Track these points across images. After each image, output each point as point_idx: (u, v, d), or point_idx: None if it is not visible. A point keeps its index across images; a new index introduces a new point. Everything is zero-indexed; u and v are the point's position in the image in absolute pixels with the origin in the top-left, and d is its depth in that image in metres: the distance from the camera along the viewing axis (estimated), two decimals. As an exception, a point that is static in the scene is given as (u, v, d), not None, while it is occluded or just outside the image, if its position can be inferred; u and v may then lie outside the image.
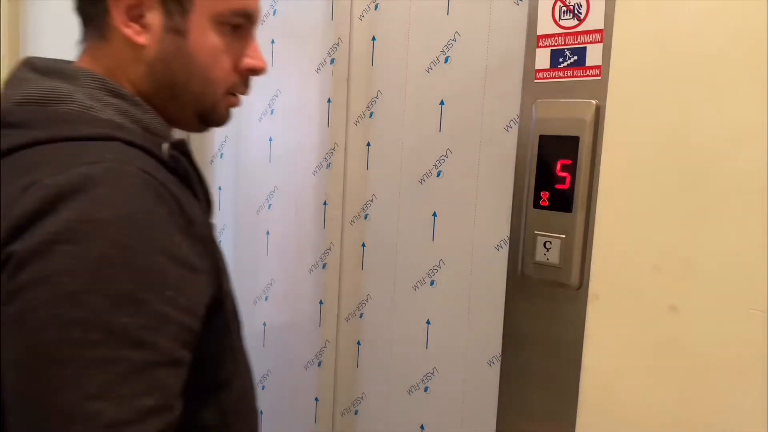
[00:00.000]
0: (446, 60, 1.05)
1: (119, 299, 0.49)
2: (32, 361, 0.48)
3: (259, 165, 1.37)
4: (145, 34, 0.62)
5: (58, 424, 0.47)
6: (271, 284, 1.40)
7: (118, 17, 0.61)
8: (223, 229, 1.49)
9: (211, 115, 0.68)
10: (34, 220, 0.49)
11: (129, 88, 0.63)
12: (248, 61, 0.68)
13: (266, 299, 1.42)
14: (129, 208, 0.51)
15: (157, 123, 0.63)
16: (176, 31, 0.62)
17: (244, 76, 0.69)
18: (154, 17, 0.62)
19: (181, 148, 0.61)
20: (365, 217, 1.20)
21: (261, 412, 0.83)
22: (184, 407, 0.54)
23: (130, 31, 0.61)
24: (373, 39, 1.15)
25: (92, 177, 0.50)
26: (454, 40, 1.04)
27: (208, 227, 0.61)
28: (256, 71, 0.69)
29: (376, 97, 1.15)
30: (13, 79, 0.62)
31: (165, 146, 0.59)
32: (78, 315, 0.47)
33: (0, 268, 0.49)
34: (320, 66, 1.23)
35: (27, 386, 0.48)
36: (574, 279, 0.78)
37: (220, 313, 0.60)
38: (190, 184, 0.61)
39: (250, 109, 1.36)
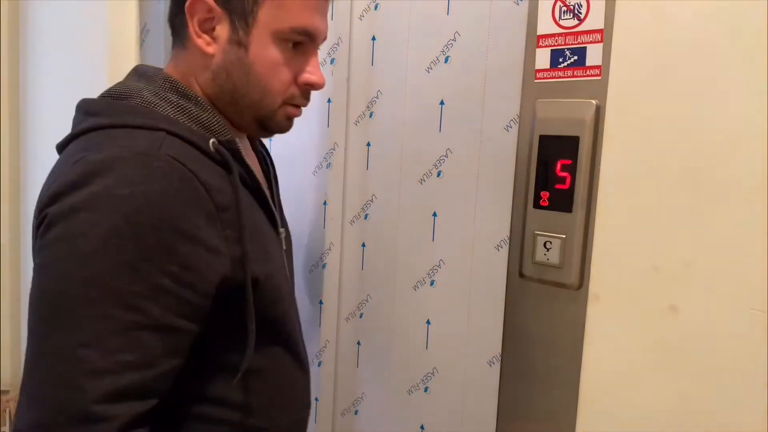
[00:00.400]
0: (446, 60, 1.05)
1: (120, 266, 0.56)
2: (42, 305, 0.57)
3: (259, 165, 1.37)
4: (213, 44, 0.70)
5: (47, 360, 0.55)
6: (271, 284, 1.40)
7: (192, 29, 0.70)
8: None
9: (269, 122, 0.75)
10: (71, 190, 0.57)
11: (198, 91, 0.72)
12: (307, 77, 0.74)
13: (266, 299, 1.42)
14: (147, 188, 0.57)
15: (215, 121, 0.70)
16: (239, 43, 0.70)
17: (303, 89, 0.75)
18: (223, 30, 0.70)
19: (229, 145, 0.68)
20: (365, 217, 1.20)
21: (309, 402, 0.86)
22: (201, 377, 0.66)
23: (202, 41, 0.70)
24: (373, 39, 1.15)
25: (123, 158, 0.59)
26: (454, 40, 1.04)
27: (253, 217, 0.69)
28: (314, 86, 0.75)
29: (376, 97, 1.15)
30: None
31: (212, 141, 0.66)
32: (83, 273, 0.56)
33: (39, 226, 0.59)
34: (320, 66, 1.23)
35: (34, 325, 0.57)
36: (574, 279, 0.78)
37: (243, 299, 0.65)
38: (241, 177, 0.68)
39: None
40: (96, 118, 0.65)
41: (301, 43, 0.72)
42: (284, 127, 0.77)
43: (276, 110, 0.74)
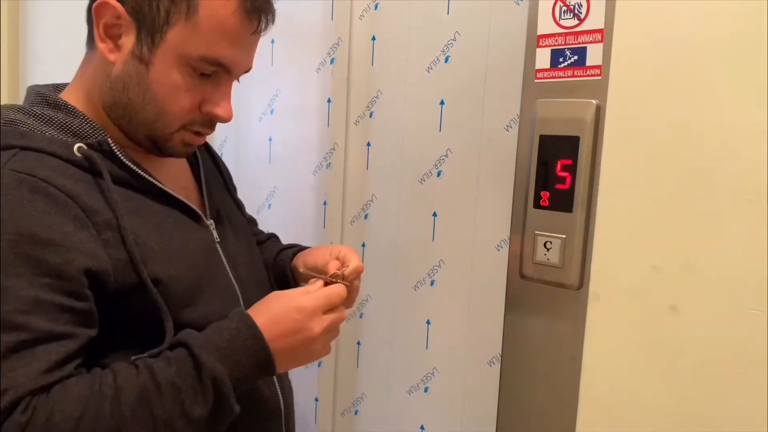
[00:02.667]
0: (446, 60, 1.05)
1: None
2: None
3: (259, 165, 1.37)
4: (116, 52, 0.67)
5: None
6: (271, 284, 1.40)
7: (97, 32, 0.67)
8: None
9: (163, 144, 0.72)
10: None
11: (94, 96, 0.70)
12: (213, 109, 0.71)
13: (266, 299, 1.42)
14: None
15: (87, 127, 0.68)
16: (141, 59, 0.67)
17: (206, 117, 0.72)
18: (128, 40, 0.67)
19: (100, 147, 0.67)
20: (365, 217, 1.20)
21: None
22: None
23: (104, 46, 0.67)
24: (373, 39, 1.15)
25: None
26: (454, 40, 1.04)
27: (147, 217, 0.68)
28: (218, 119, 0.72)
29: (376, 97, 1.15)
30: None
31: (78, 146, 0.65)
32: None
33: None
34: (320, 66, 1.23)
35: None
36: (574, 279, 0.78)
37: (140, 300, 0.64)
38: (121, 180, 0.67)
39: (250, 109, 1.36)
40: None
41: (214, 73, 0.69)
42: (180, 152, 0.74)
43: (171, 134, 0.70)
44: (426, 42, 1.07)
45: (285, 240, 1.05)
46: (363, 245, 1.21)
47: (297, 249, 0.94)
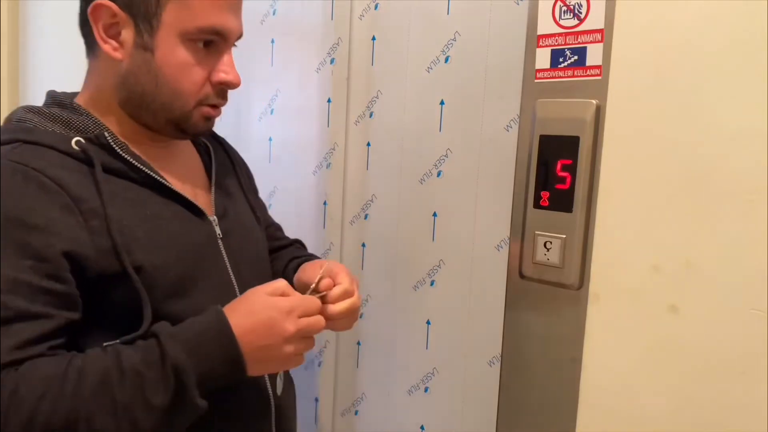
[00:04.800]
0: (446, 60, 1.05)
1: None
2: None
3: (259, 165, 1.37)
4: (120, 49, 0.71)
5: None
6: (271, 284, 1.40)
7: (98, 35, 0.70)
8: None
9: (185, 123, 0.75)
10: None
11: (107, 97, 0.73)
12: (221, 75, 0.74)
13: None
14: None
15: (90, 124, 0.72)
16: (145, 47, 0.70)
17: (218, 89, 0.75)
18: (128, 34, 0.70)
19: (98, 141, 0.70)
20: (365, 217, 1.20)
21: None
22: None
23: (108, 47, 0.71)
24: (373, 39, 1.15)
25: None
26: (454, 40, 1.04)
27: (141, 207, 0.70)
28: (228, 85, 0.75)
29: (376, 97, 1.15)
30: None
31: (75, 140, 0.68)
32: None
33: None
34: (320, 66, 1.23)
35: None
36: (574, 279, 0.78)
37: (123, 287, 0.67)
38: (118, 172, 0.70)
39: (250, 109, 1.36)
40: None
41: (213, 42, 0.72)
42: (202, 128, 0.77)
43: (190, 111, 0.74)
44: (426, 42, 1.07)
45: (285, 240, 1.05)
46: (363, 245, 1.21)
47: (302, 260, 0.94)
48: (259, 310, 0.68)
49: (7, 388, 0.58)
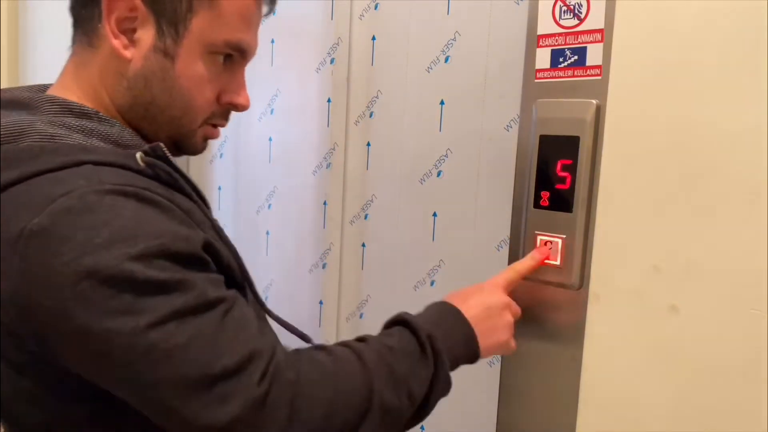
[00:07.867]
0: (446, 60, 1.05)
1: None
2: None
3: (259, 165, 1.37)
4: (132, 48, 0.61)
5: None
6: (270, 284, 1.40)
7: (109, 27, 0.60)
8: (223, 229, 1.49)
9: (186, 141, 0.68)
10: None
11: (105, 99, 0.63)
12: (234, 97, 0.68)
13: (266, 299, 1.42)
14: (121, 222, 0.51)
15: (127, 135, 0.63)
16: (165, 53, 0.62)
17: (224, 108, 0.69)
18: (146, 34, 0.61)
19: (156, 153, 0.60)
20: (365, 217, 1.20)
21: None
22: None
23: (118, 42, 0.61)
24: (373, 39, 1.15)
25: (72, 209, 0.51)
26: (454, 40, 1.04)
27: (209, 221, 0.65)
28: (237, 108, 0.69)
29: (376, 97, 1.15)
30: None
31: (139, 155, 0.59)
32: None
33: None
34: (320, 66, 1.23)
35: None
36: (574, 279, 0.78)
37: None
38: (176, 185, 0.62)
39: (250, 109, 1.36)
40: (5, 173, 0.55)
41: (232, 58, 0.66)
42: (200, 148, 0.70)
43: (195, 130, 0.67)
44: (426, 42, 1.07)
45: (284, 240, 1.04)
46: (363, 245, 1.21)
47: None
48: (479, 302, 0.74)
49: (299, 366, 0.59)
